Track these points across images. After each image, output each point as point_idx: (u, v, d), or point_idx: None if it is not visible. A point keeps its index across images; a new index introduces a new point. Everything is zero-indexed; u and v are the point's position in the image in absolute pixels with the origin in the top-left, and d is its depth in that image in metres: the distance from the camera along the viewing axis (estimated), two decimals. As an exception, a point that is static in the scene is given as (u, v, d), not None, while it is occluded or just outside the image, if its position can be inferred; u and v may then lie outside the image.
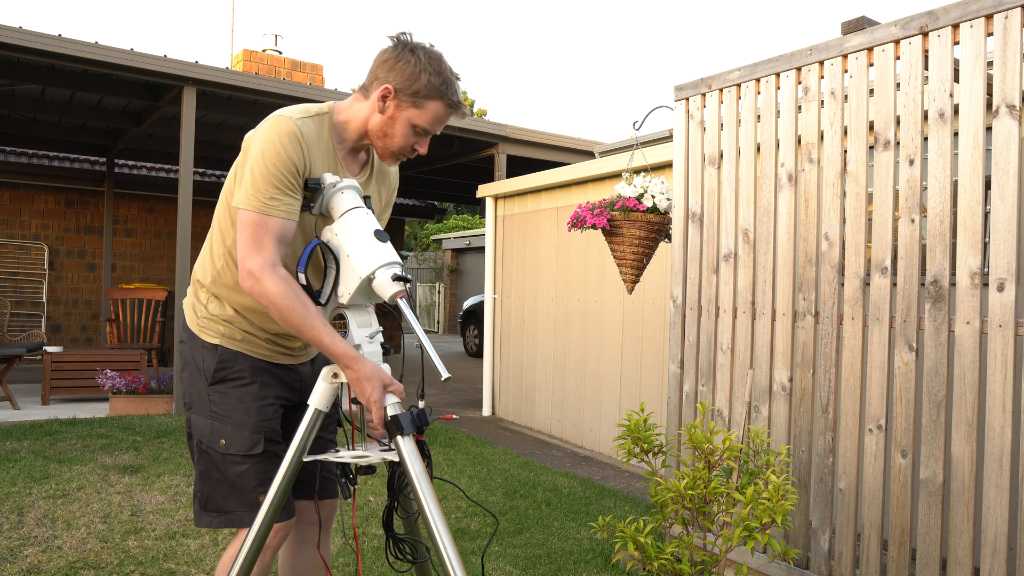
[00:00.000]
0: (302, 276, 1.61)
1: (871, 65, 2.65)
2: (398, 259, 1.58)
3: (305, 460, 1.66)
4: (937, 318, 2.43)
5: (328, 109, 1.76)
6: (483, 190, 7.26)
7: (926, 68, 2.49)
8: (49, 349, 6.65)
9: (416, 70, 1.66)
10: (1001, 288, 2.25)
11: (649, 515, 2.96)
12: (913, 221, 2.49)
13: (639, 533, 2.34)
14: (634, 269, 3.63)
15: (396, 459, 1.58)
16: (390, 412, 1.55)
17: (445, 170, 10.85)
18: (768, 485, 2.24)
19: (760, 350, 2.99)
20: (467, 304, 13.37)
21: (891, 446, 2.55)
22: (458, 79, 1.71)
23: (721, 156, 3.21)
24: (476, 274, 18.36)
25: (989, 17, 2.29)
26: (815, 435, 2.78)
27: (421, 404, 1.60)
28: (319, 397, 1.64)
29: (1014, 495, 2.24)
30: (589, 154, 8.91)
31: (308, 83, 9.58)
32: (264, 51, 10.49)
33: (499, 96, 59.83)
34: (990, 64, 2.46)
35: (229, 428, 1.75)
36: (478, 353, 12.58)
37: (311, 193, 1.67)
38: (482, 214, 21.06)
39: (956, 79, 2.45)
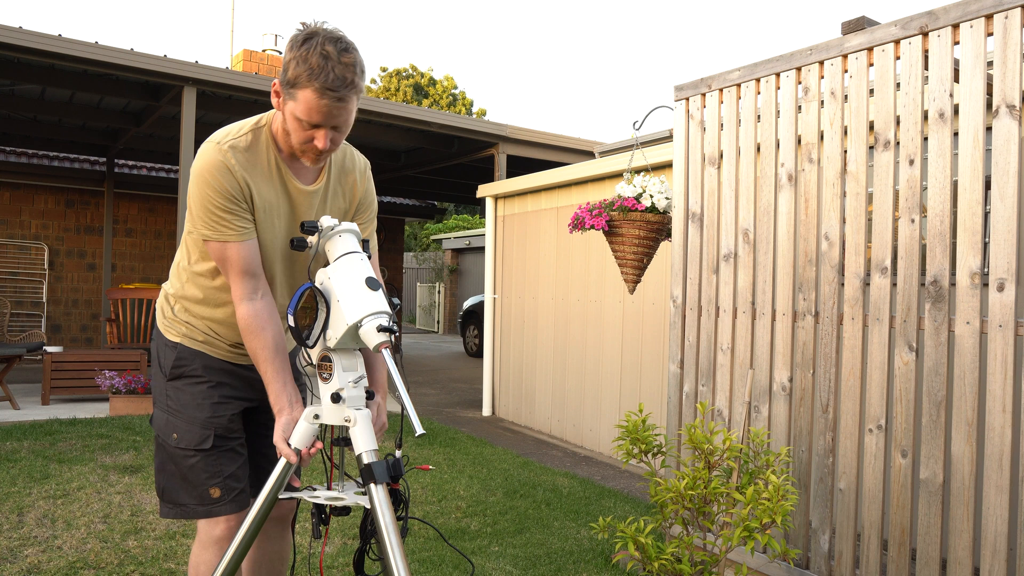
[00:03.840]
0: (291, 318, 1.62)
1: (871, 65, 2.65)
2: (387, 309, 1.58)
3: (281, 498, 1.71)
4: (937, 318, 2.43)
5: (267, 120, 1.75)
6: (483, 190, 7.26)
7: (926, 68, 2.49)
8: (49, 349, 6.65)
9: (287, 59, 1.60)
10: (1001, 288, 2.25)
11: (649, 515, 2.96)
12: (913, 221, 2.49)
13: (639, 533, 2.34)
14: (635, 269, 3.63)
15: (368, 505, 1.61)
16: (365, 460, 1.58)
17: (445, 170, 10.85)
18: (768, 485, 2.24)
19: (760, 350, 2.99)
20: (467, 304, 13.36)
21: (891, 446, 2.55)
22: (341, 63, 1.57)
23: (721, 156, 3.21)
24: (476, 274, 18.36)
25: (989, 17, 2.29)
26: (815, 435, 2.78)
27: (398, 453, 1.62)
28: (298, 437, 1.67)
29: (1014, 495, 2.24)
30: (589, 154, 8.91)
31: (308, 83, 9.58)
32: (264, 51, 10.49)
33: (499, 96, 59.82)
34: (990, 64, 2.46)
35: (182, 423, 1.81)
36: (478, 353, 12.58)
37: (308, 235, 1.68)
38: (482, 214, 21.08)
39: (956, 79, 2.45)
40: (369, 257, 1.83)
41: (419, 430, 1.41)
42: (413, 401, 8.05)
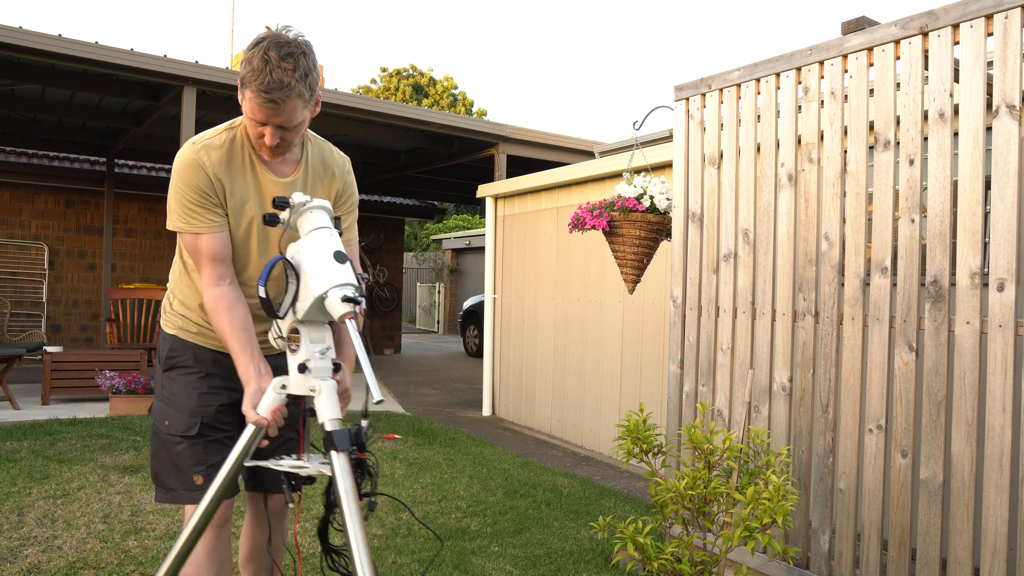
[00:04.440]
0: (262, 289, 1.70)
1: (871, 65, 2.65)
2: (353, 281, 1.63)
3: (247, 465, 1.77)
4: (937, 318, 2.43)
5: (241, 120, 1.85)
6: (483, 190, 7.26)
7: (926, 68, 2.49)
8: (49, 349, 6.65)
9: (242, 60, 1.70)
10: (1001, 288, 2.25)
11: (649, 515, 2.96)
12: (913, 221, 2.49)
13: (639, 533, 2.34)
14: (635, 269, 3.63)
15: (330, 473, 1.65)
16: (328, 428, 1.62)
17: (445, 170, 10.85)
18: (768, 485, 2.24)
19: (760, 350, 2.99)
20: (467, 304, 13.37)
21: (891, 446, 2.55)
22: (280, 68, 1.66)
23: (721, 156, 3.21)
24: (476, 274, 18.36)
25: (989, 17, 2.29)
26: (815, 435, 2.78)
27: (364, 423, 1.65)
28: (265, 406, 1.72)
29: (1014, 495, 2.24)
30: (589, 154, 8.91)
31: (308, 83, 9.58)
32: (264, 51, 10.47)
33: (499, 96, 59.83)
34: (990, 64, 2.46)
35: (172, 411, 1.93)
36: (478, 353, 12.58)
37: (279, 210, 1.74)
38: (482, 214, 21.08)
39: (956, 79, 2.45)
40: (348, 243, 2.00)
41: (376, 396, 1.45)
42: (414, 400, 8.05)
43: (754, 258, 3.05)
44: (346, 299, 1.58)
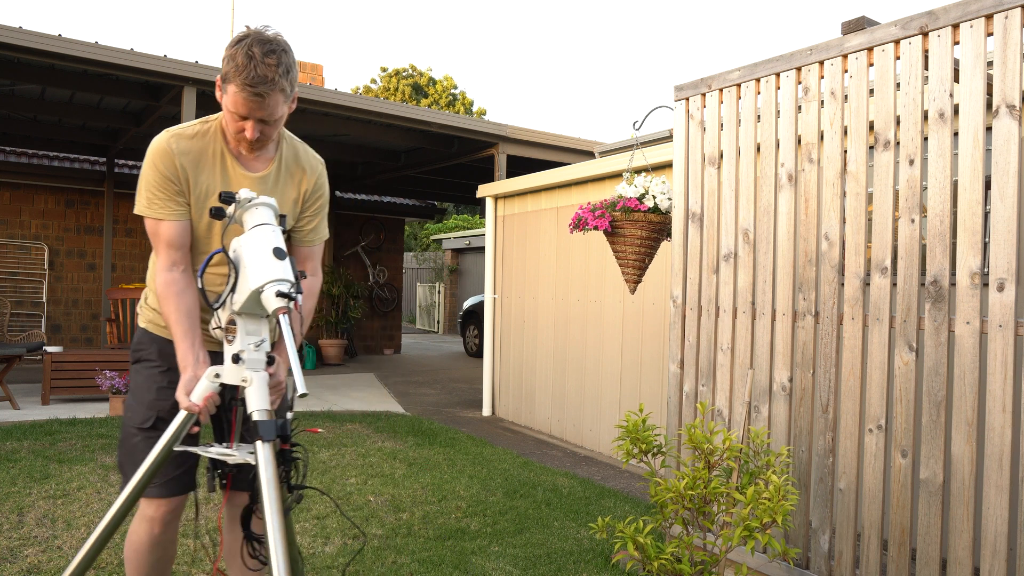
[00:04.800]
0: (199, 280, 1.80)
1: (871, 65, 2.65)
2: (289, 277, 1.67)
3: (177, 449, 1.83)
4: (937, 318, 2.43)
5: (219, 116, 1.94)
6: (483, 190, 7.27)
7: (926, 68, 2.49)
8: (49, 349, 6.65)
9: (224, 57, 1.79)
10: (1001, 288, 2.25)
11: (649, 515, 2.96)
12: (913, 221, 2.50)
13: (639, 533, 2.34)
14: (636, 269, 3.63)
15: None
16: (255, 418, 1.68)
17: (445, 170, 10.85)
18: (768, 485, 2.24)
19: (760, 350, 2.99)
20: (467, 304, 13.37)
21: (891, 446, 2.55)
22: (264, 63, 1.75)
23: (721, 156, 3.21)
24: (476, 274, 18.36)
25: (989, 17, 2.29)
26: (815, 435, 2.78)
27: (289, 415, 1.71)
28: (199, 393, 1.78)
29: (1014, 495, 2.25)
30: (589, 154, 8.92)
31: (308, 83, 9.59)
32: (264, 51, 10.47)
33: (499, 96, 59.83)
34: (990, 64, 2.46)
35: (134, 403, 2.02)
36: (478, 353, 12.58)
37: (225, 204, 1.78)
38: (482, 214, 21.08)
39: (956, 79, 2.45)
40: (312, 243, 2.10)
41: (301, 389, 1.51)
42: (414, 400, 8.05)
43: (754, 258, 3.05)
44: (280, 294, 1.62)
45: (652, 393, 5.14)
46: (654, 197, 3.52)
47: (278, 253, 1.70)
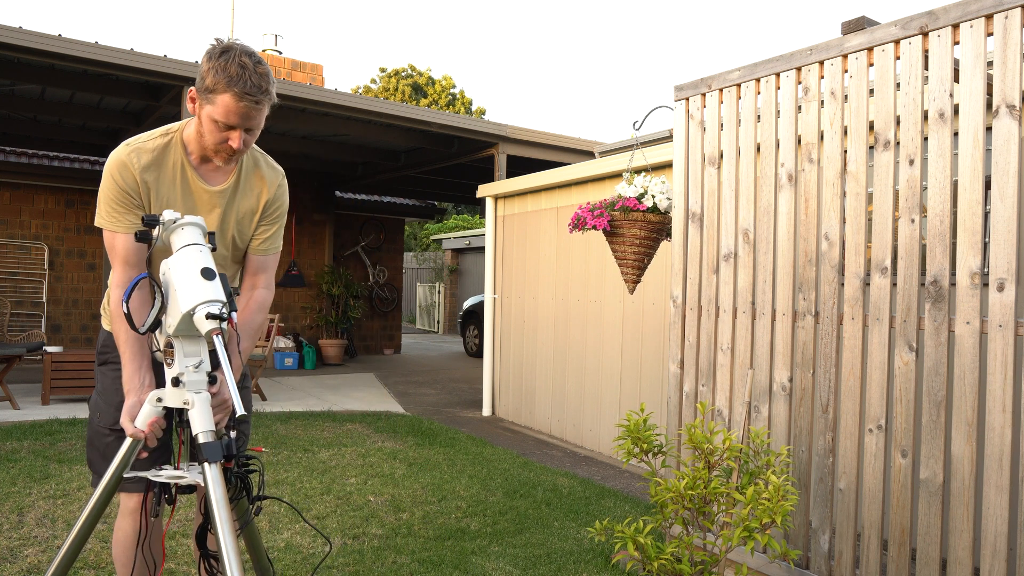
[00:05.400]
0: (124, 306, 1.78)
1: (871, 65, 2.65)
2: (220, 297, 1.67)
3: (126, 476, 1.83)
4: (937, 318, 2.43)
5: (179, 127, 1.97)
6: (483, 190, 7.26)
7: (926, 68, 2.49)
8: (49, 349, 6.65)
9: (206, 69, 1.81)
10: (1001, 288, 2.25)
11: (649, 515, 2.96)
12: (913, 221, 2.49)
13: (639, 533, 2.34)
14: (635, 269, 3.63)
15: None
16: (201, 440, 1.68)
17: (445, 170, 10.85)
18: (768, 485, 2.24)
19: (760, 350, 2.99)
20: (467, 304, 13.37)
21: (891, 446, 2.55)
22: (257, 73, 1.80)
23: (721, 156, 3.21)
24: (476, 274, 18.36)
25: (989, 17, 2.29)
26: (815, 435, 2.78)
27: (233, 434, 1.73)
28: (142, 418, 1.78)
29: (1014, 495, 2.25)
30: (589, 154, 8.91)
31: (308, 83, 9.59)
32: (264, 51, 10.49)
33: (499, 96, 59.82)
34: (990, 64, 2.46)
35: (103, 404, 2.04)
36: (478, 353, 12.58)
37: (149, 228, 1.78)
38: (482, 214, 21.07)
39: (956, 79, 2.45)
40: (267, 252, 2.12)
41: (239, 411, 1.55)
42: (414, 400, 8.05)
43: (754, 258, 3.05)
44: (210, 316, 1.62)
45: (652, 393, 5.14)
46: (653, 197, 3.52)
47: (206, 273, 1.70)
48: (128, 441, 1.81)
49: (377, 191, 13.12)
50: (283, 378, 9.24)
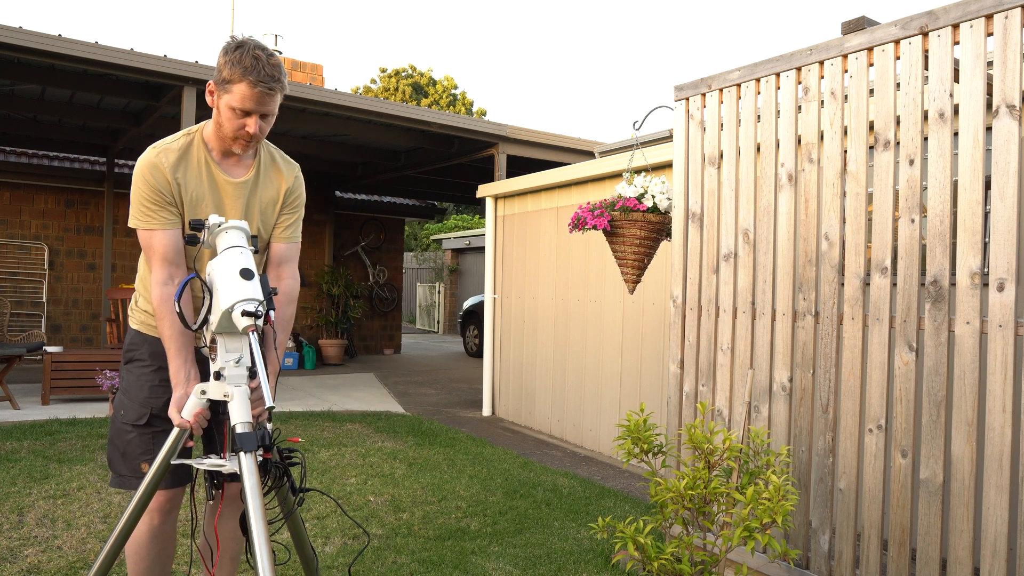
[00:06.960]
0: (176, 305, 1.89)
1: (871, 65, 2.65)
2: (257, 296, 1.78)
3: (174, 463, 1.94)
4: (937, 318, 2.43)
5: (198, 128, 2.10)
6: (483, 190, 7.26)
7: (926, 68, 2.49)
8: (49, 349, 6.65)
9: (222, 63, 1.94)
10: (1001, 288, 2.25)
11: (649, 515, 2.96)
12: (913, 221, 2.49)
13: (639, 533, 2.34)
14: (635, 269, 3.63)
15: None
16: (238, 431, 1.77)
17: (445, 170, 10.85)
18: (768, 485, 2.24)
19: (760, 350, 2.99)
20: (467, 304, 13.36)
21: (891, 446, 2.55)
22: (270, 64, 1.94)
23: (721, 156, 3.21)
24: (476, 274, 18.36)
25: (989, 17, 2.29)
26: (815, 435, 2.78)
27: (269, 426, 1.81)
28: (188, 409, 1.88)
29: (1014, 495, 2.25)
30: (589, 154, 8.91)
31: (308, 83, 9.59)
32: (264, 51, 10.45)
33: (499, 96, 59.82)
34: (990, 64, 2.46)
35: (127, 401, 2.11)
36: (478, 353, 12.58)
37: (197, 231, 1.91)
38: (482, 214, 21.06)
39: (956, 79, 2.45)
40: (290, 240, 2.21)
41: (269, 403, 1.66)
42: (414, 400, 8.04)
43: (754, 258, 3.05)
44: (246, 313, 1.73)
45: (652, 393, 5.14)
46: (653, 197, 3.52)
47: (245, 274, 1.80)
48: (175, 431, 1.90)
49: (377, 191, 13.11)
50: (283, 378, 9.23)
